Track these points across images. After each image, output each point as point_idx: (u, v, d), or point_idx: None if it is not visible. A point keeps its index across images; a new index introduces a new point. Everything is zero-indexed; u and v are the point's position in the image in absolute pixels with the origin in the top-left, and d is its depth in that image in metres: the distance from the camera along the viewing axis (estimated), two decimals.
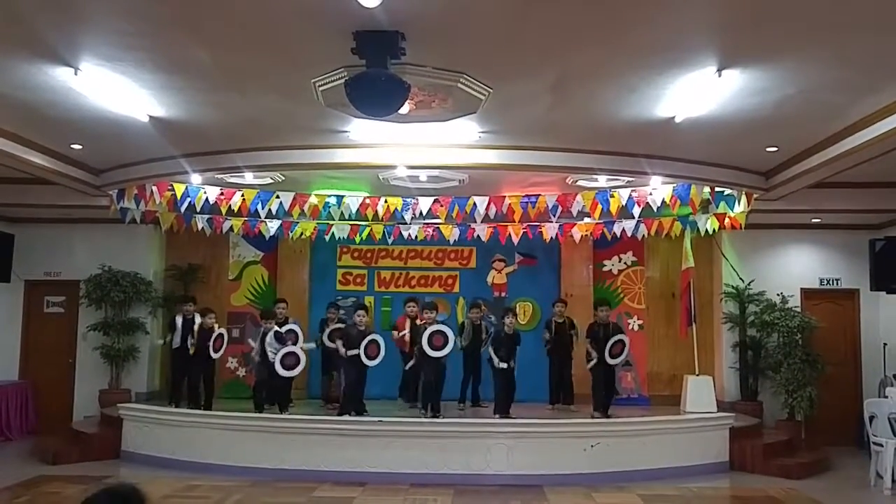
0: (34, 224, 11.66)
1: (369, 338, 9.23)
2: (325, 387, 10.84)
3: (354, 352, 9.13)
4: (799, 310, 10.93)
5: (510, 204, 9.82)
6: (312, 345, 10.33)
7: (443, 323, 9.62)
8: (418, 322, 9.80)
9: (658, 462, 8.77)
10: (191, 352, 9.89)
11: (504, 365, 9.33)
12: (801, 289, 11.39)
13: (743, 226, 9.79)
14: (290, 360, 9.41)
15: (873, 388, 10.72)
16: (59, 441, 10.10)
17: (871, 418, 8.79)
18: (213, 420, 9.28)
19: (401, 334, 10.05)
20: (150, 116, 6.86)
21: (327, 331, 10.31)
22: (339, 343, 9.38)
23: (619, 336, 9.57)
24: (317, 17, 4.66)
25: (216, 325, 10.04)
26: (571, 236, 11.01)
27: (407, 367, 10.01)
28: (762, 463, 9.18)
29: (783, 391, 10.35)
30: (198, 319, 10.05)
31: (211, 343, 9.75)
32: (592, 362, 9.62)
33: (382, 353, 9.28)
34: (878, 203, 9.65)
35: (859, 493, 8.54)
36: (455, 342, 9.58)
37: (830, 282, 11.51)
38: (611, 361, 9.49)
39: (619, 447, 8.73)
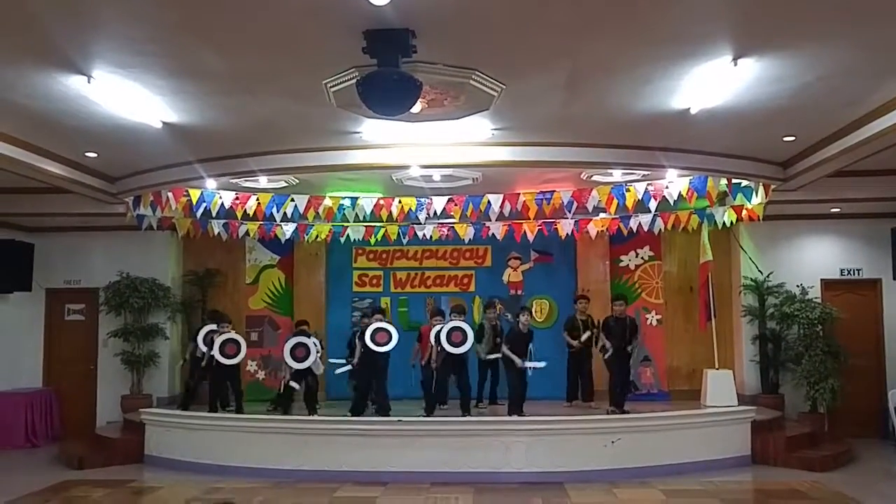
0: (53, 233, 11.78)
1: (375, 325, 9.26)
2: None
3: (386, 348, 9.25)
4: (819, 301, 10.81)
5: (525, 201, 9.75)
6: (347, 366, 10.19)
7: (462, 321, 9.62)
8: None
9: (680, 457, 8.71)
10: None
11: (537, 364, 9.28)
12: (822, 280, 11.26)
13: (761, 217, 9.71)
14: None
15: None
16: (83, 446, 10.20)
17: None
18: (234, 423, 9.34)
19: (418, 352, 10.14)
20: (164, 122, 6.89)
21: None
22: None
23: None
24: (326, 17, 4.66)
25: (229, 329, 10.04)
26: (587, 232, 10.94)
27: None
28: (785, 456, 9.09)
29: (805, 383, 10.23)
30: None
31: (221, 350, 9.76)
32: (609, 353, 9.74)
33: (394, 341, 9.26)
34: None
35: (884, 484, 8.45)
36: (474, 346, 9.64)
37: (851, 272, 11.36)
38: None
39: (641, 443, 8.68)
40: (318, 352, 9.80)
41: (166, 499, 7.98)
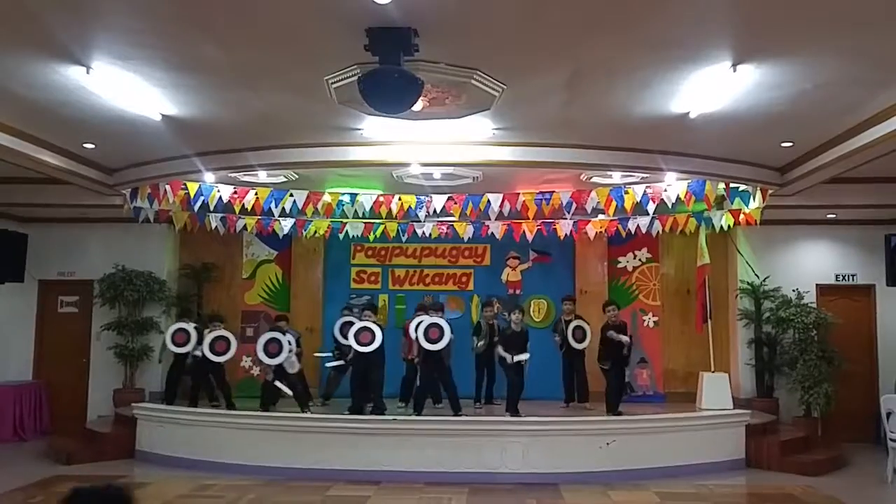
0: (48, 224, 11.69)
1: (360, 325, 9.23)
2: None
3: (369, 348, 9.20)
4: (814, 306, 10.84)
5: (524, 201, 9.74)
6: (339, 361, 10.21)
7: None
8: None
9: (674, 460, 8.73)
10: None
11: (522, 356, 9.29)
12: (817, 285, 11.30)
13: (758, 222, 9.74)
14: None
15: (890, 385, 10.61)
16: (73, 441, 10.12)
17: (889, 414, 8.72)
18: (227, 419, 9.30)
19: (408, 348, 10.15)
20: (163, 115, 6.85)
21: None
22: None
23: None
24: (329, 13, 4.64)
25: (220, 326, 10.03)
26: (586, 233, 10.94)
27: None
28: (779, 460, 9.12)
29: (799, 388, 10.27)
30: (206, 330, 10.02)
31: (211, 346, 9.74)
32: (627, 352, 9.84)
33: (377, 341, 9.18)
34: (894, 198, 9.54)
35: (876, 489, 8.48)
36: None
37: (846, 277, 11.42)
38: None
39: (635, 445, 8.69)
40: (291, 350, 9.48)
41: (156, 495, 7.89)
